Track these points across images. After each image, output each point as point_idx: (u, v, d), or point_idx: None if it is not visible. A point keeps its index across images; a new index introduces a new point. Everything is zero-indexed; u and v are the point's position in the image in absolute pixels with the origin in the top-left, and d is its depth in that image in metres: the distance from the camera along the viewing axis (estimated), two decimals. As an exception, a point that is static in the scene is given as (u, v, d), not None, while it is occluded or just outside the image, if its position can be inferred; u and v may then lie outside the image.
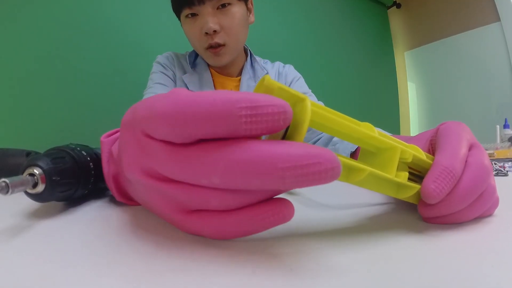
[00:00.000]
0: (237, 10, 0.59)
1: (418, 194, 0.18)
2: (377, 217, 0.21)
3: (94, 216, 0.20)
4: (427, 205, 0.18)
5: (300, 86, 0.74)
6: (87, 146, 0.24)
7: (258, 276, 0.11)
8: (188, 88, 0.65)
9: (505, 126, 1.16)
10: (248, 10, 0.65)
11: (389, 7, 2.23)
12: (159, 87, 0.64)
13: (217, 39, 0.58)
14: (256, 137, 0.12)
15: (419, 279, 0.12)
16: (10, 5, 0.85)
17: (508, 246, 0.15)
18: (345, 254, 0.14)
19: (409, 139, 0.24)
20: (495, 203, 0.20)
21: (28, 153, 0.29)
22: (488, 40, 1.75)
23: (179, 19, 0.63)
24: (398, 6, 2.21)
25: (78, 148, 0.22)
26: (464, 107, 1.88)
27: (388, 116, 2.15)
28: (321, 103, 0.68)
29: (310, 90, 0.75)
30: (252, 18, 0.67)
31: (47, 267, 0.12)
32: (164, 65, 0.68)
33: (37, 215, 0.19)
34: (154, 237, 0.16)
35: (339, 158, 0.14)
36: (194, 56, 0.70)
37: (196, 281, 0.11)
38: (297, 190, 0.30)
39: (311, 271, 0.12)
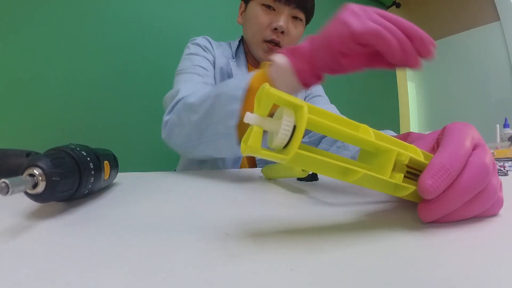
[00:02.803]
0: (301, 29, 0.66)
1: (417, 192, 0.18)
2: (378, 215, 0.21)
3: (94, 216, 0.20)
4: (426, 208, 0.18)
5: (316, 88, 0.78)
6: (87, 146, 0.24)
7: (258, 276, 0.11)
8: (232, 74, 0.65)
9: (505, 125, 1.16)
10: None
11: (388, 7, 2.22)
12: (200, 70, 0.59)
13: (279, 39, 0.62)
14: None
15: (419, 277, 0.12)
16: (10, 4, 0.85)
17: (508, 246, 0.15)
18: (345, 252, 0.14)
19: (420, 137, 0.24)
20: (498, 203, 0.20)
21: (28, 154, 0.29)
22: (488, 39, 1.75)
23: (247, 2, 0.64)
24: (398, 5, 2.21)
25: (78, 148, 0.22)
26: (464, 106, 1.88)
27: (388, 115, 2.14)
28: (333, 107, 0.72)
29: (324, 94, 0.79)
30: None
31: (47, 267, 0.12)
32: (204, 48, 0.65)
33: (37, 215, 0.19)
34: (154, 236, 0.16)
35: (337, 160, 0.15)
36: (237, 47, 0.71)
37: (196, 281, 0.11)
38: (300, 189, 0.30)
39: (311, 270, 0.12)
